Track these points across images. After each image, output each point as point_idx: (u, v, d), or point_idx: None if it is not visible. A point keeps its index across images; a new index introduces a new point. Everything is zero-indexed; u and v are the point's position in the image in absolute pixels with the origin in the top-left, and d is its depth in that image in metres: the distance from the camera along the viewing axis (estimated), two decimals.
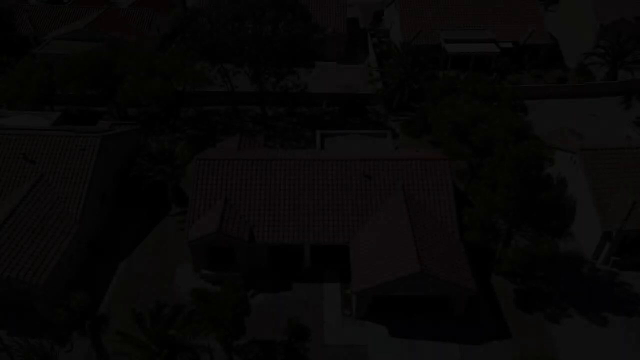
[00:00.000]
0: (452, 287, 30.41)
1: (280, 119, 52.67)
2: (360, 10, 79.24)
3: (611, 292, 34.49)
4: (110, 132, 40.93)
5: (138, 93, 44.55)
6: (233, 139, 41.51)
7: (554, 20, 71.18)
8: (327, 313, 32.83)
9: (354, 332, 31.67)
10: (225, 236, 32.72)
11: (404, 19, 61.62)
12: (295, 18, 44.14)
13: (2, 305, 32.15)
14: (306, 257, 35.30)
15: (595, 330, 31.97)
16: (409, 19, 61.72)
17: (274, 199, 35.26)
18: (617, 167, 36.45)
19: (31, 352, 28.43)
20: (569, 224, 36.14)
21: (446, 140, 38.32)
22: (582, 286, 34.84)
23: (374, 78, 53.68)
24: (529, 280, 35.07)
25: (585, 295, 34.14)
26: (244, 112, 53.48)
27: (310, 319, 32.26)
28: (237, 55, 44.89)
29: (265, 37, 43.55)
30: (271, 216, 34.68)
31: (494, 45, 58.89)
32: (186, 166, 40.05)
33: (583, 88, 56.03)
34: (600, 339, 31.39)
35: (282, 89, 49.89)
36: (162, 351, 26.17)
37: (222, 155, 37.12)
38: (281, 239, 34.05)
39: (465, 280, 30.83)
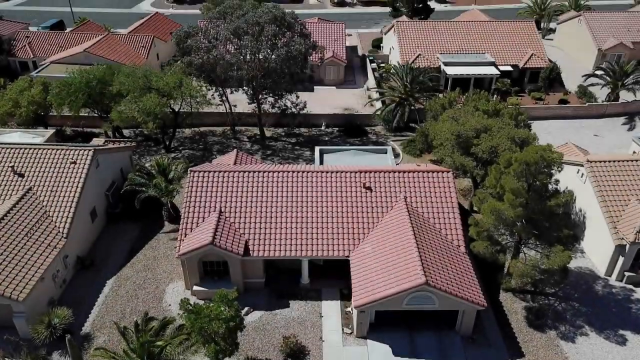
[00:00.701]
0: (459, 301, 28.51)
1: (279, 139, 51.76)
2: (359, 38, 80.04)
3: (627, 309, 32.53)
4: (103, 147, 39.84)
5: (133, 111, 43.76)
6: (229, 155, 40.41)
7: (553, 49, 71.58)
8: (327, 331, 30.79)
9: (354, 351, 29.53)
10: (219, 249, 31.04)
11: (403, 44, 61.67)
12: (294, 35, 43.85)
13: None
14: (304, 273, 33.51)
15: (613, 349, 29.86)
16: (408, 45, 61.77)
17: (271, 211, 33.77)
18: (626, 179, 35.21)
19: None
20: (579, 236, 34.63)
21: (449, 153, 37.17)
22: (597, 303, 32.89)
23: (373, 99, 53.13)
24: (540, 297, 33.23)
25: (600, 313, 32.17)
26: (241, 132, 52.68)
27: (309, 338, 30.26)
28: (235, 70, 44.27)
29: (264, 56, 43.13)
30: (267, 229, 33.10)
31: (493, 67, 58.68)
32: (180, 181, 38.81)
33: (585, 109, 55.41)
34: (618, 358, 29.29)
35: (280, 109, 49.28)
36: None
37: (216, 168, 35.89)
38: (278, 254, 32.36)
39: (473, 293, 28.99)
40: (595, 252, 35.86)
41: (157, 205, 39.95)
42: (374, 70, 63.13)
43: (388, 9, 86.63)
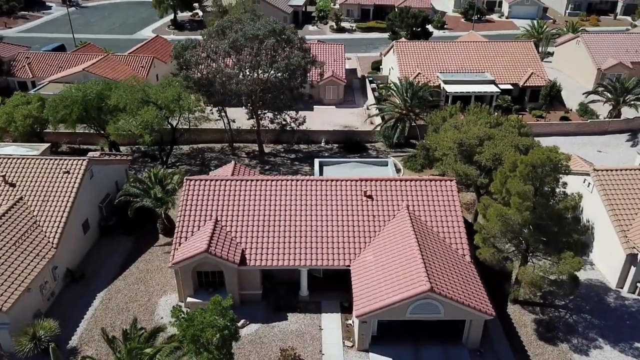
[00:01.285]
0: (466, 310, 27.06)
1: (278, 154, 51.01)
2: (358, 62, 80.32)
3: None
4: (98, 158, 39.04)
5: (130, 125, 43.19)
6: (227, 167, 39.54)
7: (551, 71, 71.61)
8: (326, 344, 29.21)
9: None
10: (214, 257, 29.77)
11: (402, 63, 61.62)
12: (293, 49, 43.66)
13: None
14: (303, 284, 32.11)
15: None
16: (407, 64, 61.70)
17: (269, 220, 32.62)
18: (634, 187, 34.24)
19: None
20: (589, 245, 33.38)
21: (451, 163, 36.30)
22: (609, 316, 31.41)
23: (372, 114, 52.64)
24: (550, 309, 31.80)
25: (613, 326, 30.65)
26: (240, 149, 51.96)
27: (308, 351, 28.66)
28: (234, 84, 43.80)
29: (263, 71, 42.80)
30: (265, 239, 31.88)
31: (493, 86, 58.49)
32: (176, 193, 37.80)
33: (587, 125, 54.91)
34: None
35: (279, 124, 48.71)
36: None
37: (213, 177, 34.97)
38: (276, 263, 31.07)
39: (481, 302, 27.59)
40: (605, 263, 34.58)
41: (151, 218, 38.90)
42: (373, 90, 63.00)
43: (387, 35, 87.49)
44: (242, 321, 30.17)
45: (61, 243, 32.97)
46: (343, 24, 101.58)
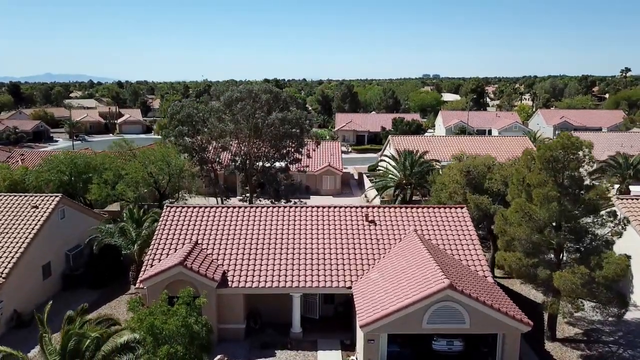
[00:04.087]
0: (497, 318, 21.78)
1: None
2: (355, 170, 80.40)
3: None
4: (74, 202, 35.82)
5: (111, 189, 41.06)
6: None
7: None
8: None
9: None
10: (191, 271, 25.01)
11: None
12: (288, 105, 43.33)
13: None
14: (295, 318, 26.66)
15: None
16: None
17: (256, 244, 28.39)
18: None
19: None
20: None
21: (460, 198, 33.13)
22: None
23: (368, 187, 50.35)
24: (597, 344, 26.03)
25: None
26: None
27: None
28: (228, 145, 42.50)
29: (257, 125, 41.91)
30: (251, 261, 27.38)
31: None
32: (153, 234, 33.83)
33: None
34: None
35: (274, 190, 46.14)
36: None
37: (196, 204, 31.52)
38: (263, 285, 26.13)
39: (513, 310, 22.41)
40: None
41: (124, 272, 34.43)
42: (371, 181, 61.62)
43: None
44: (218, 357, 24.25)
45: (12, 276, 28.27)
46: None
